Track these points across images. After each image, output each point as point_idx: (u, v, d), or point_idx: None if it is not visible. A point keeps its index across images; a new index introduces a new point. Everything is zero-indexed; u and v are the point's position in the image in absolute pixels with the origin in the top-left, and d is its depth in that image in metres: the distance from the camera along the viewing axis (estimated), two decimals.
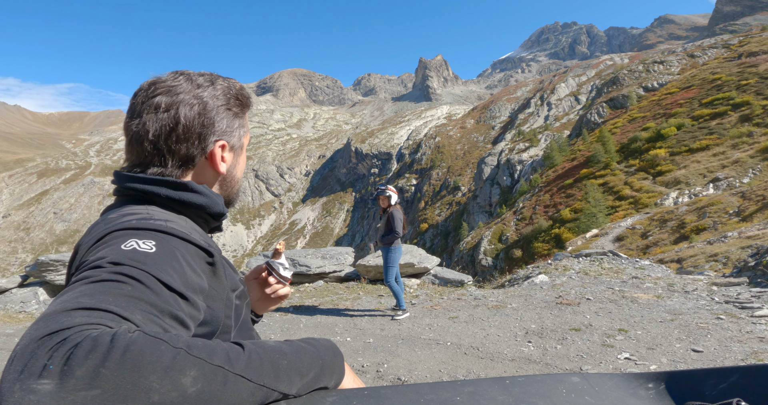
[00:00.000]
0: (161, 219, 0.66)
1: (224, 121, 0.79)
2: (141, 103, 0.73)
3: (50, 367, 0.39)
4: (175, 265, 0.57)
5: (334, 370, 0.57)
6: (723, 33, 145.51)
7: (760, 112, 34.49)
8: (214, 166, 0.79)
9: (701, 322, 4.88)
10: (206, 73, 0.81)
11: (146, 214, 0.68)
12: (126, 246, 0.57)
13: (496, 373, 3.87)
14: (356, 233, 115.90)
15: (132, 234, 0.60)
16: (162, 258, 0.57)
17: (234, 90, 0.82)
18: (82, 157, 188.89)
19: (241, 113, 0.84)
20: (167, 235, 0.62)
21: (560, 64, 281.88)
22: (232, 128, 0.81)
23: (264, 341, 0.54)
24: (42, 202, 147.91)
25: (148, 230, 0.61)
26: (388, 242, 5.96)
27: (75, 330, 0.42)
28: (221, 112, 0.78)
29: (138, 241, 0.58)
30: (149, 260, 0.55)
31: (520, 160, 71.39)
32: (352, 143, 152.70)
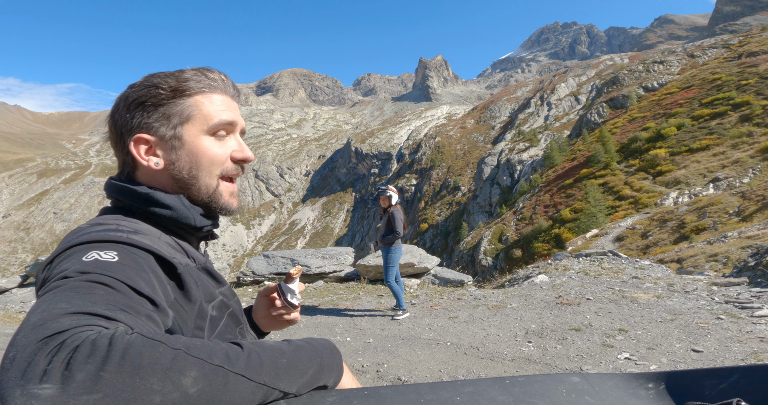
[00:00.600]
0: (127, 230, 0.65)
1: (140, 115, 0.73)
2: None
3: (51, 372, 0.39)
4: (140, 273, 0.57)
5: (332, 369, 0.57)
6: (723, 33, 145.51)
7: (760, 112, 34.49)
8: (139, 163, 0.75)
9: (701, 322, 4.88)
10: (170, 72, 0.77)
11: (114, 226, 0.67)
12: (87, 258, 0.56)
13: (496, 373, 3.87)
14: (356, 233, 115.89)
15: (92, 247, 0.60)
16: (126, 266, 0.57)
17: (157, 80, 0.74)
18: (82, 157, 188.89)
19: (167, 101, 0.74)
20: (128, 246, 0.61)
21: (560, 64, 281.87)
22: (151, 120, 0.74)
23: (262, 341, 0.54)
24: (42, 202, 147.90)
25: (109, 242, 0.61)
26: (388, 242, 5.96)
27: (71, 333, 0.42)
28: (133, 109, 0.74)
29: (99, 252, 0.58)
30: (114, 268, 0.55)
31: (520, 160, 71.39)
32: (352, 143, 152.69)
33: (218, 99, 0.77)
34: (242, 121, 0.81)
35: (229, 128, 0.78)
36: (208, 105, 0.75)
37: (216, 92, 0.77)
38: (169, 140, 0.75)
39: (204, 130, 0.75)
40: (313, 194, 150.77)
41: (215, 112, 0.75)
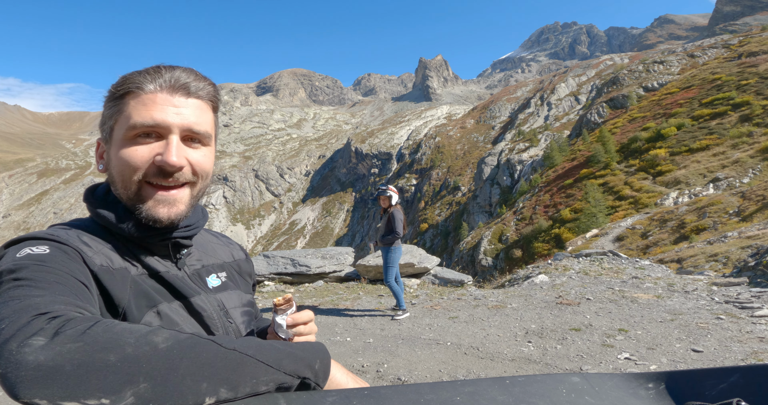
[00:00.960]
0: (54, 231, 0.70)
1: (103, 118, 0.76)
2: None
3: (46, 330, 0.46)
4: (71, 264, 0.62)
5: (315, 357, 0.60)
6: (723, 33, 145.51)
7: (760, 112, 34.49)
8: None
9: (701, 322, 4.88)
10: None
11: (52, 227, 0.73)
12: (20, 253, 0.61)
13: (496, 373, 3.87)
14: (356, 233, 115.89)
15: (25, 244, 0.64)
16: (58, 256, 0.62)
17: (120, 78, 0.74)
18: (82, 157, 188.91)
19: (107, 103, 0.74)
20: (54, 242, 0.65)
21: (560, 64, 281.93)
22: (104, 121, 0.75)
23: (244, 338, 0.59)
24: (42, 202, 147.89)
25: (37, 239, 0.66)
26: (388, 242, 5.96)
27: (64, 311, 0.51)
28: (103, 111, 0.75)
29: (33, 247, 0.63)
30: (47, 258, 0.60)
31: (520, 160, 71.39)
32: (352, 143, 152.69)
33: (148, 99, 0.70)
34: (187, 121, 0.72)
35: (156, 130, 0.70)
36: (133, 106, 0.70)
37: (147, 91, 0.70)
38: (105, 143, 0.75)
39: (124, 132, 0.70)
40: (313, 194, 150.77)
41: (135, 113, 0.70)
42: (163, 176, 0.71)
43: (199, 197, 0.79)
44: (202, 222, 0.84)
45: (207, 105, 0.76)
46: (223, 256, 0.94)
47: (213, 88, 0.77)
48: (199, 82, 0.74)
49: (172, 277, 0.76)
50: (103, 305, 0.65)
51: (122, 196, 0.73)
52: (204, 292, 0.81)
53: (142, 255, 0.75)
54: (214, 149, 0.80)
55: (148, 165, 0.70)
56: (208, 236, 0.97)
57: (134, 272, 0.72)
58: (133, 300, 0.68)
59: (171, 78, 0.72)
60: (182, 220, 0.76)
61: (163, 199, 0.72)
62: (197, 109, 0.74)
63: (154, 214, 0.71)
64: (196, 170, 0.74)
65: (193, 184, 0.75)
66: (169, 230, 0.75)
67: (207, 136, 0.75)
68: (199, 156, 0.74)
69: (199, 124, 0.73)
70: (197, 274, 0.83)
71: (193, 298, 0.76)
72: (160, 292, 0.73)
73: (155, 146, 0.71)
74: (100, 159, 0.77)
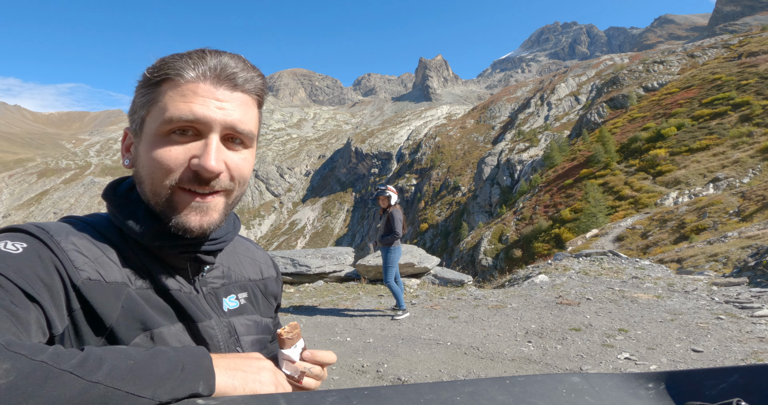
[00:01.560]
0: (54, 226, 0.62)
1: (134, 106, 0.67)
2: None
3: None
4: (38, 270, 0.54)
5: (198, 374, 0.50)
6: (723, 33, 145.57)
7: (760, 112, 34.50)
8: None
9: (701, 322, 4.88)
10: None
11: (59, 221, 0.66)
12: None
13: (496, 373, 3.88)
14: (356, 233, 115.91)
15: (7, 236, 0.58)
16: (25, 259, 0.54)
17: (158, 61, 0.65)
18: (82, 157, 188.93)
19: (140, 89, 0.65)
20: (39, 241, 0.57)
21: (560, 64, 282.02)
22: (134, 110, 0.66)
23: (113, 346, 0.50)
24: (42, 202, 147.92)
25: (24, 232, 0.58)
26: (387, 243, 5.96)
27: None
28: (135, 99, 0.66)
29: (9, 241, 0.56)
30: (11, 260, 0.53)
31: (520, 160, 71.41)
32: (352, 143, 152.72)
33: (188, 89, 0.61)
34: (231, 118, 0.63)
35: (195, 127, 0.61)
36: (170, 96, 0.61)
37: (188, 80, 0.61)
38: (134, 135, 0.66)
39: (158, 126, 0.62)
40: (313, 194, 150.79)
41: (171, 105, 0.61)
42: (198, 183, 0.62)
43: (234, 206, 0.70)
44: (231, 235, 0.74)
45: (253, 100, 0.67)
46: (250, 272, 0.83)
47: (262, 81, 0.68)
48: (248, 72, 0.65)
49: (182, 297, 0.67)
50: (84, 321, 0.57)
51: (150, 200, 0.64)
52: (216, 315, 0.71)
53: (155, 266, 0.66)
54: (255, 151, 0.71)
55: (183, 169, 0.61)
56: (242, 245, 0.86)
57: (138, 286, 0.63)
58: (123, 320, 0.59)
59: (217, 65, 0.63)
60: (214, 231, 0.66)
61: (196, 207, 0.63)
62: (243, 104, 0.65)
63: (184, 223, 0.62)
64: (234, 176, 0.65)
65: (229, 192, 0.66)
66: (192, 243, 0.66)
67: (250, 136, 0.66)
68: (239, 160, 0.65)
69: (244, 123, 0.64)
70: (214, 294, 0.74)
71: (202, 323, 0.67)
72: (164, 311, 0.64)
73: (192, 147, 0.62)
74: (127, 152, 0.69)
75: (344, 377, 3.92)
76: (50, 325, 0.53)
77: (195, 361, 0.51)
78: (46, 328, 0.53)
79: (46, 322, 0.53)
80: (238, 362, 0.55)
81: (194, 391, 0.48)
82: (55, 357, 0.43)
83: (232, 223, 0.75)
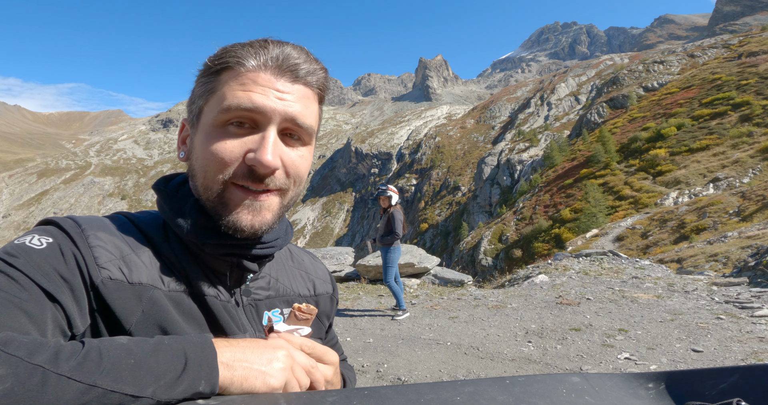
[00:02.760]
0: (90, 221, 0.60)
1: (192, 96, 0.65)
2: None
3: None
4: (59, 266, 0.53)
5: (201, 371, 0.47)
6: (723, 33, 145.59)
7: (760, 112, 34.52)
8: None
9: (701, 322, 4.88)
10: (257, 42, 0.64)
11: (109, 215, 0.65)
12: (19, 240, 0.55)
13: (496, 373, 3.88)
14: (356, 233, 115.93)
15: (38, 230, 0.57)
16: (46, 255, 0.53)
17: (219, 50, 0.63)
18: (82, 157, 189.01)
19: (200, 79, 0.64)
20: (64, 234, 0.56)
21: (560, 64, 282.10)
22: (193, 100, 0.64)
23: (115, 338, 0.47)
24: (42, 202, 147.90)
25: (55, 225, 0.58)
26: (387, 243, 5.96)
27: None
28: (194, 89, 0.64)
29: (38, 236, 0.55)
30: (33, 256, 0.52)
31: (520, 160, 71.42)
32: (352, 143, 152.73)
33: (248, 78, 0.59)
34: (291, 110, 0.60)
35: (253, 117, 0.59)
36: (230, 85, 0.59)
37: (249, 68, 0.59)
38: (191, 126, 0.64)
39: (215, 116, 0.59)
40: (313, 194, 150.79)
41: (230, 93, 0.58)
42: (252, 179, 0.59)
43: (289, 208, 0.66)
44: (281, 241, 0.69)
45: (314, 94, 0.65)
46: (300, 287, 0.77)
47: (324, 74, 0.66)
48: (311, 64, 0.63)
49: (217, 305, 0.62)
50: (100, 321, 0.55)
51: (201, 195, 0.61)
52: (254, 329, 0.66)
53: (194, 269, 0.63)
54: (313, 150, 0.67)
55: (238, 163, 0.59)
56: (295, 255, 0.82)
57: (172, 288, 0.60)
58: (143, 325, 0.56)
59: (280, 55, 0.60)
60: (267, 233, 0.63)
61: (249, 205, 0.60)
62: (304, 97, 0.62)
63: (236, 222, 0.59)
64: (290, 173, 0.61)
65: (284, 192, 0.63)
66: (240, 245, 0.62)
67: (310, 132, 0.63)
68: (296, 157, 0.62)
69: (305, 116, 0.61)
70: (254, 306, 0.68)
71: (235, 337, 0.62)
72: (194, 318, 0.60)
73: (248, 140, 0.59)
74: (182, 144, 0.66)
75: None
76: (71, 324, 0.52)
77: (198, 356, 0.48)
78: (66, 327, 0.51)
79: (66, 321, 0.51)
80: (246, 353, 0.51)
81: (196, 391, 0.46)
82: (54, 358, 0.42)
83: (284, 228, 0.71)
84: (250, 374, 0.49)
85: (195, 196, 0.63)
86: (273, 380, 0.50)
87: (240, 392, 0.48)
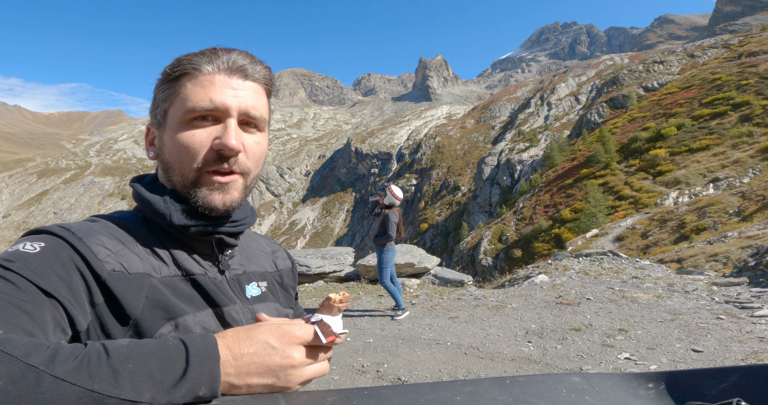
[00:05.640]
0: (77, 225, 0.64)
1: (155, 101, 0.73)
2: None
3: None
4: (55, 267, 0.56)
5: (201, 377, 0.48)
6: (723, 33, 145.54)
7: (760, 112, 34.49)
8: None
9: (701, 322, 4.88)
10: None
11: (86, 219, 0.68)
12: (12, 247, 0.58)
13: (496, 373, 3.87)
14: (356, 233, 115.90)
15: (28, 238, 0.60)
16: (42, 258, 0.56)
17: (175, 60, 0.71)
18: (82, 157, 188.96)
19: (161, 85, 0.71)
20: (57, 238, 0.60)
21: (560, 64, 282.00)
22: (156, 105, 0.72)
23: (117, 341, 0.49)
24: (42, 202, 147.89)
25: (47, 233, 0.61)
26: (381, 243, 5.98)
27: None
28: (156, 95, 0.72)
29: (29, 242, 0.58)
30: (28, 259, 0.55)
31: (520, 160, 71.39)
32: (352, 143, 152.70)
33: (206, 80, 0.68)
34: (245, 104, 0.69)
35: (214, 113, 0.68)
36: (190, 88, 0.68)
37: (205, 73, 0.68)
38: (158, 127, 0.72)
39: (180, 115, 0.68)
40: (313, 194, 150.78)
41: (192, 95, 0.67)
42: (220, 162, 0.68)
43: (251, 189, 0.75)
44: (250, 219, 0.79)
45: (263, 89, 0.74)
46: (266, 264, 0.87)
47: (268, 72, 0.76)
48: (256, 65, 0.73)
49: (207, 282, 0.70)
50: (108, 314, 0.58)
51: (177, 183, 0.70)
52: (240, 301, 0.74)
53: (180, 253, 0.70)
54: (268, 136, 0.77)
55: (206, 150, 0.67)
56: (253, 240, 0.91)
57: (164, 274, 0.66)
58: (148, 310, 0.61)
59: (228, 60, 0.70)
60: (236, 210, 0.72)
61: (219, 187, 0.68)
62: (254, 92, 0.71)
63: (210, 202, 0.68)
64: (250, 157, 0.71)
65: (246, 175, 0.71)
66: (216, 223, 0.71)
67: (263, 120, 0.73)
68: (253, 142, 0.71)
69: (256, 108, 0.71)
70: (237, 280, 0.77)
71: (227, 308, 0.70)
72: (189, 298, 0.67)
73: (213, 130, 0.68)
74: (151, 146, 0.74)
75: (344, 377, 3.92)
76: (73, 322, 0.54)
77: (200, 360, 0.49)
78: (67, 325, 0.53)
79: (67, 319, 0.53)
80: (244, 348, 0.53)
81: (196, 395, 0.47)
82: (50, 359, 0.42)
83: (249, 209, 0.80)
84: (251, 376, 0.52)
85: (169, 187, 0.71)
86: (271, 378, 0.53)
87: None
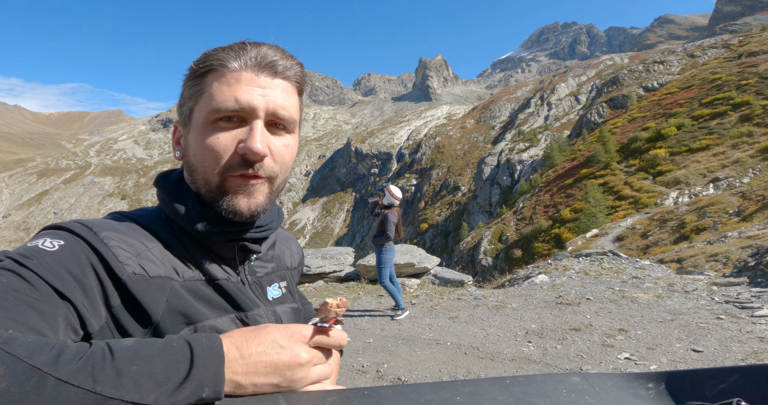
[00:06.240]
0: (99, 223, 0.62)
1: (182, 99, 0.69)
2: None
3: None
4: (71, 267, 0.54)
5: (205, 380, 0.47)
6: (723, 33, 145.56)
7: (760, 112, 34.48)
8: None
9: (701, 322, 4.88)
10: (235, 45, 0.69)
11: (106, 216, 0.67)
12: (32, 242, 0.56)
13: (496, 373, 3.87)
14: (356, 233, 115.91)
15: (48, 234, 0.59)
16: (59, 257, 0.54)
17: (202, 55, 0.68)
18: (82, 157, 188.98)
19: (187, 82, 0.68)
20: (76, 236, 0.58)
21: (560, 64, 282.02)
22: (183, 102, 0.69)
23: (122, 341, 0.48)
24: (42, 202, 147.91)
25: (66, 230, 0.59)
26: (379, 244, 5.98)
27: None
28: (183, 92, 0.69)
29: (49, 239, 0.57)
30: (45, 257, 0.53)
31: (520, 160, 71.39)
32: (352, 143, 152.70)
33: (232, 78, 0.64)
34: (273, 104, 0.65)
35: (240, 114, 0.64)
36: (216, 86, 0.64)
37: (231, 69, 0.64)
38: (184, 126, 0.69)
39: (205, 115, 0.64)
40: (313, 194, 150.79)
41: (217, 94, 0.63)
42: (245, 167, 0.64)
43: (278, 193, 0.71)
44: (276, 223, 0.76)
45: (293, 87, 0.70)
46: (288, 261, 0.86)
47: (300, 69, 0.71)
48: (287, 60, 0.68)
49: (231, 287, 0.68)
50: (127, 315, 0.57)
51: (201, 188, 0.66)
52: (263, 304, 0.73)
53: (203, 257, 0.68)
54: (298, 138, 0.73)
55: (231, 153, 0.63)
56: (280, 236, 0.88)
57: (187, 277, 0.64)
58: (168, 314, 0.60)
59: (257, 55, 0.66)
60: (261, 215, 0.68)
61: (244, 190, 0.65)
62: (284, 91, 0.67)
63: (234, 206, 0.64)
64: (276, 160, 0.67)
65: (273, 179, 0.68)
66: (240, 229, 0.68)
67: (292, 121, 0.68)
68: (281, 145, 0.67)
69: (285, 109, 0.67)
70: (258, 283, 0.75)
71: (252, 312, 0.69)
72: (212, 302, 0.65)
73: (238, 133, 0.64)
74: (177, 145, 0.72)
75: (344, 377, 3.92)
76: (84, 323, 0.53)
77: (204, 361, 0.48)
78: (79, 326, 0.53)
79: (78, 320, 0.53)
80: (252, 347, 0.52)
81: (199, 397, 0.46)
82: (54, 360, 0.41)
83: (276, 212, 0.77)
84: (257, 377, 0.51)
85: (194, 189, 0.68)
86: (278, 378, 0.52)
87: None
